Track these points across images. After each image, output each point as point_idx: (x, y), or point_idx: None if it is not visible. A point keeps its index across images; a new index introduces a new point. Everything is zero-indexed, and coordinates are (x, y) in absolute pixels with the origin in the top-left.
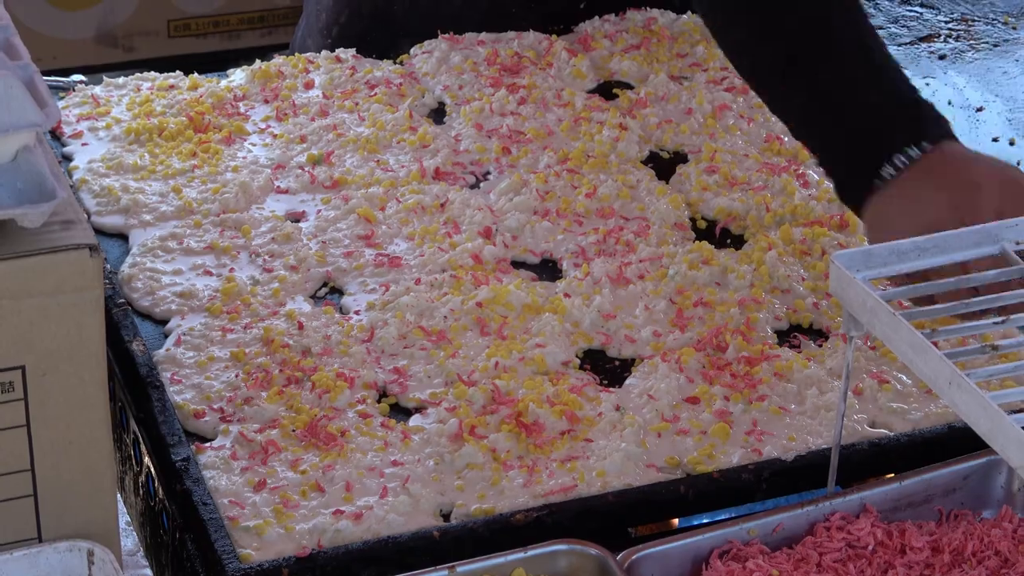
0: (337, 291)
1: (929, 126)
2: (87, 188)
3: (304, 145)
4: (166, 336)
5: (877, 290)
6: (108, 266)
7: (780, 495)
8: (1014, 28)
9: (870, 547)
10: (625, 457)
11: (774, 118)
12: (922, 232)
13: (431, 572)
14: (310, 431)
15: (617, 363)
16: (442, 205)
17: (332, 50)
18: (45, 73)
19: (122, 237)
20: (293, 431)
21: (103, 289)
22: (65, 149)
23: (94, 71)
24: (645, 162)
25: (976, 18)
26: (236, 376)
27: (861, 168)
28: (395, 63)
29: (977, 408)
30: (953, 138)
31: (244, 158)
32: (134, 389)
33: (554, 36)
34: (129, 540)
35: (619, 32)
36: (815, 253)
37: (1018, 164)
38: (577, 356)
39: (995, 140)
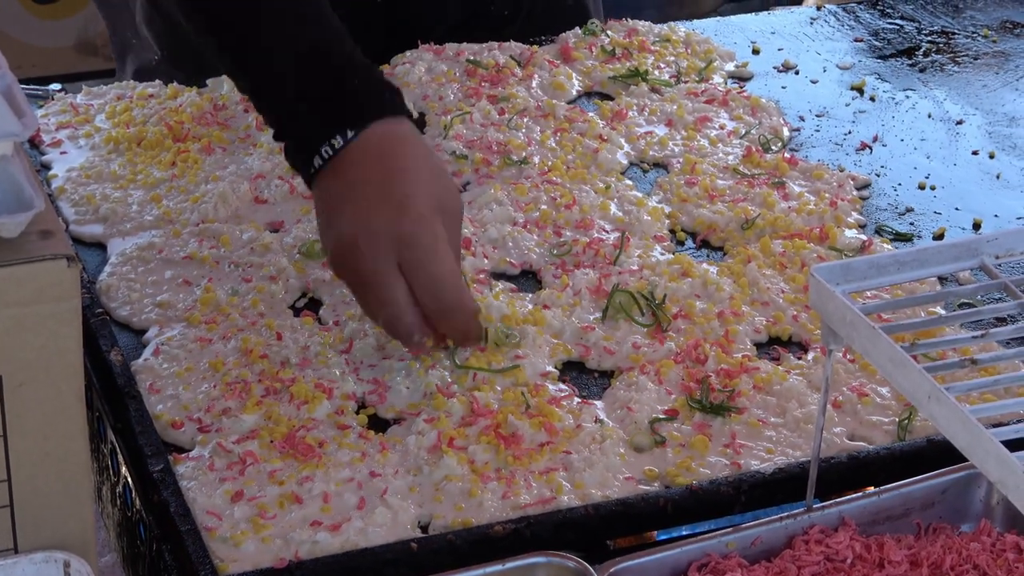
0: (316, 302)
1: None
2: (66, 197)
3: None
4: (144, 346)
5: (856, 303)
6: (86, 275)
7: (759, 508)
8: (994, 42)
9: (848, 560)
10: (604, 469)
11: (755, 130)
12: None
13: None
14: (288, 442)
15: (597, 375)
16: None
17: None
18: (25, 81)
19: (101, 246)
20: (271, 442)
21: (80, 299)
22: (44, 158)
23: (74, 79)
24: (625, 173)
25: (957, 31)
26: (214, 387)
27: (297, 161)
28: None
29: (956, 422)
30: (388, 114)
31: (224, 168)
32: (112, 399)
33: (535, 47)
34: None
35: (600, 43)
36: (795, 265)
37: (998, 177)
38: (557, 367)
39: (975, 153)
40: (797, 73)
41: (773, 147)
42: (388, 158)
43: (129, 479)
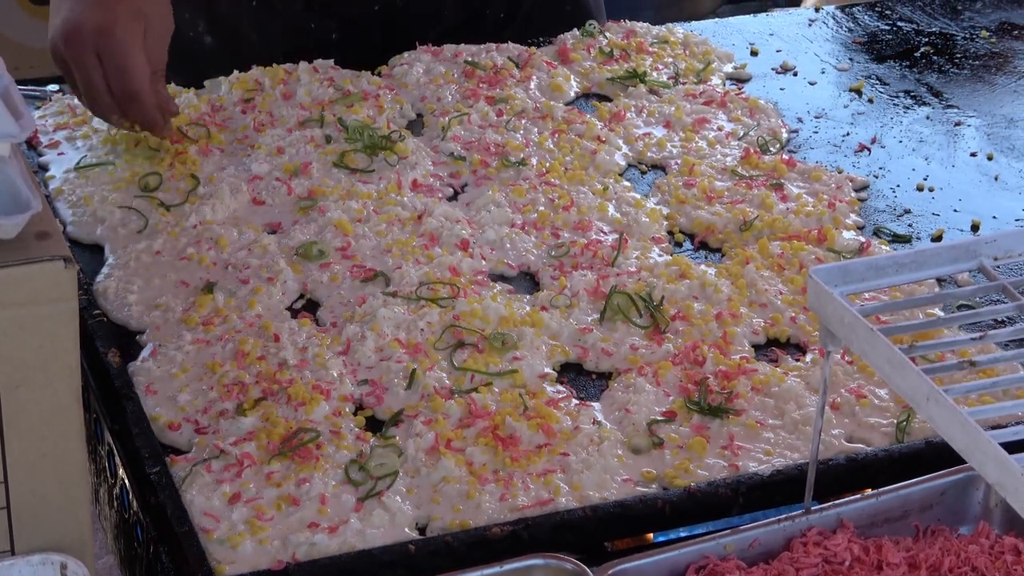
0: (314, 303)
1: None
2: (63, 198)
3: (282, 156)
4: (141, 348)
5: (855, 305)
6: (84, 277)
7: (757, 510)
8: (993, 43)
9: (847, 563)
10: (602, 471)
11: (753, 132)
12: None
13: None
14: (285, 443)
15: (594, 376)
16: (420, 217)
17: None
18: (23, 82)
19: (98, 248)
20: (268, 444)
21: (77, 301)
22: (41, 159)
23: None
24: (623, 174)
25: (955, 33)
26: (211, 388)
27: None
28: (374, 74)
29: (954, 424)
30: None
31: (221, 169)
32: (109, 401)
33: (533, 48)
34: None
35: (598, 44)
36: (793, 267)
37: (996, 179)
38: (554, 369)
39: (973, 155)
40: (795, 75)
41: (771, 148)
42: None
43: (126, 481)
